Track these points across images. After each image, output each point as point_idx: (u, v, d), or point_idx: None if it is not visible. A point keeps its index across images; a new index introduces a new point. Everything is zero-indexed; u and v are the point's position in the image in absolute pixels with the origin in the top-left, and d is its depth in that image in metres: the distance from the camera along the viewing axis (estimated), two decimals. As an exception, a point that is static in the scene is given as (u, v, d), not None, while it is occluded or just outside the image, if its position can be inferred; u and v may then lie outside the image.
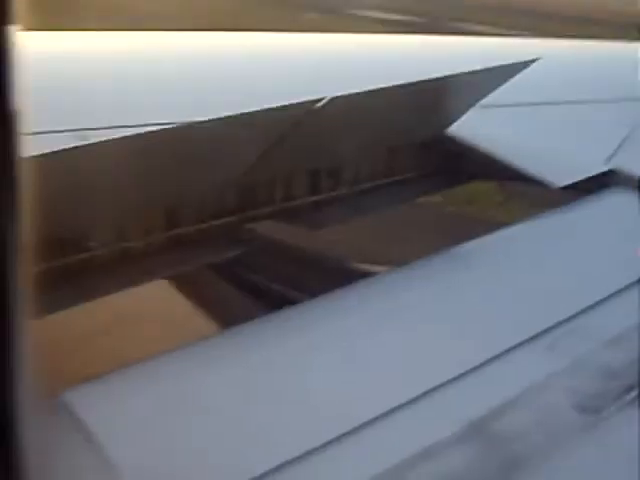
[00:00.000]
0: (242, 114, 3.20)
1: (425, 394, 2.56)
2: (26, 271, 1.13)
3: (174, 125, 3.48)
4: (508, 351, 2.83)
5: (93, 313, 3.68)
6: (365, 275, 3.52)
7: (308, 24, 27.32)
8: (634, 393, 2.71)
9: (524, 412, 2.56)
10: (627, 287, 3.42)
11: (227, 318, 3.63)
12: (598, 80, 6.94)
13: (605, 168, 4.88)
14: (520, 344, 2.89)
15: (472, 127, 4.79)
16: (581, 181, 4.64)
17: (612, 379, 2.78)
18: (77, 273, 3.35)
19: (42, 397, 2.26)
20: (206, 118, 3.13)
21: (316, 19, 30.41)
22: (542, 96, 5.87)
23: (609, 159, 5.03)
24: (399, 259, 3.59)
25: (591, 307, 3.21)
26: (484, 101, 4.82)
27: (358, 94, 3.63)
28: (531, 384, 2.69)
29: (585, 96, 6.16)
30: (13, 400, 1.16)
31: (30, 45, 1.15)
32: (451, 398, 2.57)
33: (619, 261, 3.79)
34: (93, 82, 4.44)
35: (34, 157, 1.29)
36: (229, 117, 3.16)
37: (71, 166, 2.82)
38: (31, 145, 1.18)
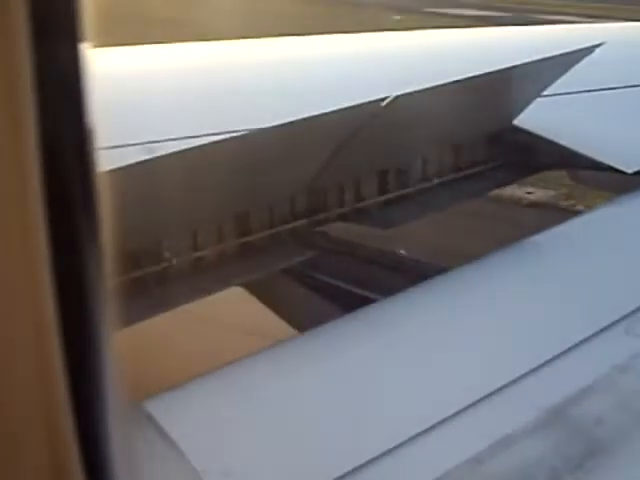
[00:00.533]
0: (309, 117, 3.21)
1: (505, 384, 2.55)
2: (109, 283, 1.15)
3: (244, 132, 3.50)
4: (586, 338, 2.82)
5: (173, 322, 3.72)
6: (441, 271, 3.51)
7: (391, 24, 27.76)
8: None
9: (605, 396, 2.55)
10: None
11: (304, 321, 3.64)
12: None
13: None
14: (599, 330, 2.87)
15: (539, 117, 4.75)
16: None
17: None
18: (155, 283, 3.39)
19: (126, 407, 2.30)
20: (274, 124, 3.15)
21: (401, 19, 30.96)
22: (608, 81, 5.79)
23: None
24: (474, 253, 3.58)
25: None
26: (550, 89, 4.78)
27: (422, 91, 3.62)
28: (611, 368, 2.67)
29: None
30: (101, 410, 1.19)
31: (101, 61, 1.17)
32: (530, 386, 2.57)
33: None
34: (162, 94, 4.50)
35: (110, 171, 1.31)
36: (297, 121, 3.17)
37: (143, 179, 2.86)
38: (106, 160, 1.20)
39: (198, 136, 3.53)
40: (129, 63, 5.53)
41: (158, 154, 3.04)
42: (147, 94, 4.54)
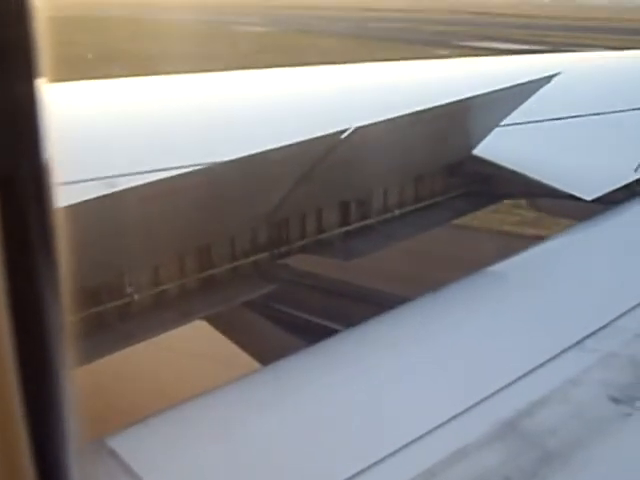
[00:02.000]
0: (269, 150, 3.21)
1: (461, 401, 2.63)
2: (67, 320, 1.15)
3: (202, 166, 3.50)
4: (542, 355, 2.90)
5: (136, 357, 3.69)
6: (403, 301, 3.52)
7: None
8: None
9: (558, 408, 2.62)
10: None
11: (267, 353, 3.63)
12: (622, 89, 6.93)
13: (635, 177, 4.86)
14: (555, 348, 2.95)
15: (498, 146, 4.79)
16: (613, 191, 4.63)
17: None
18: (118, 318, 3.37)
19: (88, 443, 2.28)
20: (236, 156, 3.15)
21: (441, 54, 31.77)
22: (566, 110, 5.86)
23: (639, 167, 5.02)
24: (434, 282, 3.59)
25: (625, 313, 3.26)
26: (509, 119, 4.82)
27: (381, 122, 3.64)
28: (564, 382, 2.76)
29: (610, 107, 6.14)
30: (60, 448, 1.17)
31: (58, 96, 1.17)
32: (485, 401, 2.63)
33: None
34: (119, 129, 4.49)
35: (70, 206, 1.30)
36: (257, 154, 3.17)
37: (102, 213, 2.85)
38: (64, 195, 1.19)
39: (158, 170, 3.52)
40: (88, 98, 5.53)
41: (119, 188, 3.03)
42: (107, 129, 4.53)
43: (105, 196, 2.85)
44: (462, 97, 4.09)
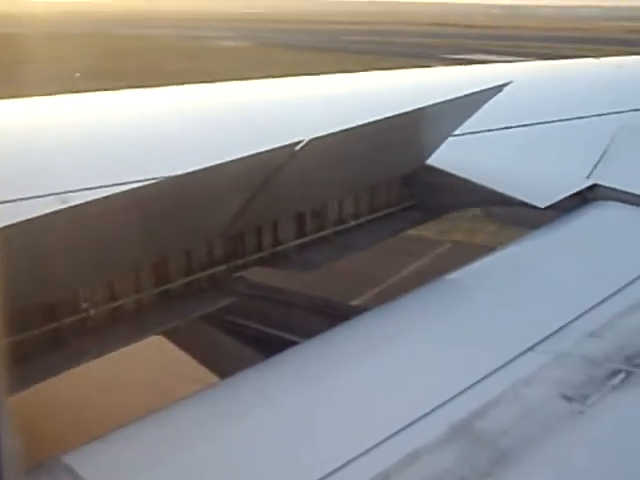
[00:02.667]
0: (224, 163, 3.20)
1: (412, 400, 2.72)
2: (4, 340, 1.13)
3: (156, 180, 3.49)
4: (494, 357, 2.98)
5: (92, 374, 3.66)
6: (361, 311, 3.53)
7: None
8: (619, 378, 2.89)
9: (510, 408, 2.68)
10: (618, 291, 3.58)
11: (225, 366, 3.62)
12: (573, 97, 7.01)
13: (587, 183, 4.91)
14: (508, 351, 3.02)
15: (451, 156, 4.82)
16: (566, 198, 4.68)
17: (596, 367, 2.96)
18: (73, 334, 3.34)
19: (43, 460, 2.27)
20: (189, 170, 3.14)
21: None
22: (518, 119, 5.90)
23: (590, 174, 5.07)
24: (390, 292, 3.60)
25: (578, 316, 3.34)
26: (461, 129, 4.86)
27: (334, 134, 3.65)
28: (516, 382, 2.82)
29: (560, 115, 6.20)
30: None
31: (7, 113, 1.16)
32: (438, 404, 2.68)
33: (604, 271, 3.90)
34: (72, 145, 4.46)
35: (18, 224, 1.29)
36: (212, 167, 3.16)
37: (55, 229, 2.83)
38: (14, 212, 1.18)
39: (112, 185, 3.51)
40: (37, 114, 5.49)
41: (72, 204, 3.01)
42: (58, 145, 4.50)
43: (58, 211, 2.82)
44: (415, 108, 4.11)
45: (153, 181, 3.47)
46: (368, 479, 2.30)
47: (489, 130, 5.53)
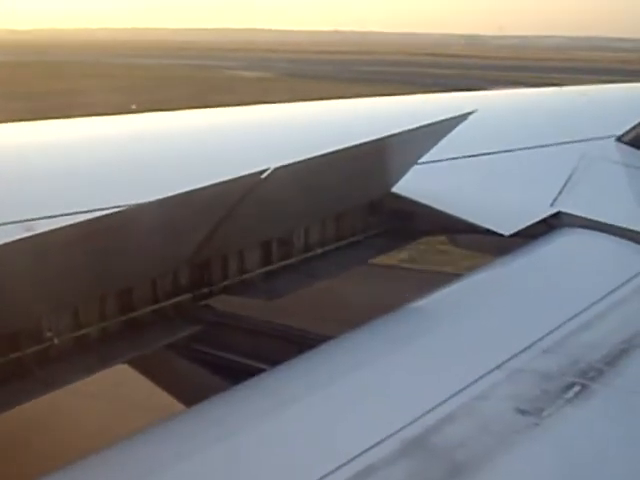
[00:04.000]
0: (190, 191, 3.20)
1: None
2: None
3: (122, 207, 3.47)
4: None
5: (56, 403, 3.63)
6: (326, 338, 3.53)
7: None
8: (574, 391, 2.95)
9: (466, 422, 2.73)
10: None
11: (191, 395, 3.60)
12: (536, 126, 7.07)
13: (551, 211, 4.96)
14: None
15: (417, 184, 4.85)
16: (530, 225, 4.71)
17: (550, 381, 3.03)
18: (37, 363, 3.31)
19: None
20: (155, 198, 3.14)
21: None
22: (482, 147, 5.94)
23: (554, 202, 5.11)
24: (355, 320, 3.61)
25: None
26: (426, 157, 4.88)
27: (299, 162, 3.66)
28: (471, 398, 2.88)
29: (524, 143, 6.25)
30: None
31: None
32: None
33: (565, 294, 3.97)
34: (36, 172, 4.44)
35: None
36: (177, 195, 3.16)
37: (19, 257, 2.81)
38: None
39: (77, 213, 3.50)
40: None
41: (36, 231, 2.99)
42: (22, 171, 4.48)
43: (23, 239, 2.81)
44: (380, 136, 4.13)
45: (119, 209, 3.46)
46: None
47: (454, 158, 5.56)
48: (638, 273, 4.24)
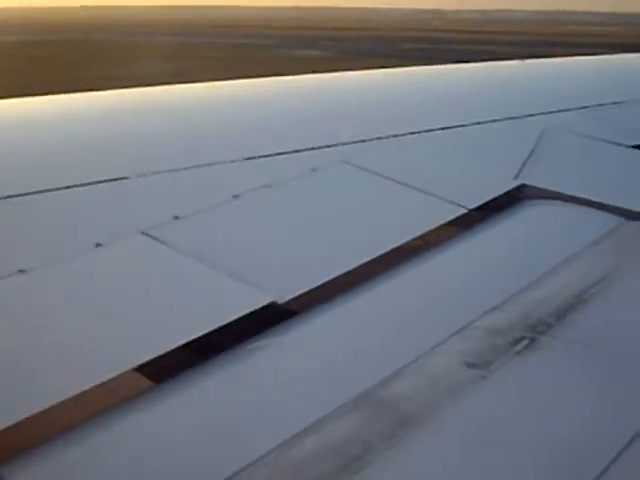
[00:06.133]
0: None
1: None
2: None
3: None
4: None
5: None
6: None
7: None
8: (522, 345, 3.06)
9: (414, 378, 2.81)
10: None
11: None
12: (498, 99, 7.09)
13: (514, 184, 4.97)
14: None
15: (379, 158, 4.86)
16: (494, 199, 4.73)
17: (498, 337, 3.13)
18: None
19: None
20: None
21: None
22: (444, 121, 5.94)
23: (518, 174, 5.13)
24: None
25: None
26: (386, 131, 4.86)
27: None
28: (421, 354, 2.97)
29: (487, 117, 6.26)
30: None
31: None
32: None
33: (525, 262, 4.04)
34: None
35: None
36: None
37: None
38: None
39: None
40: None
41: None
42: None
43: None
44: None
45: None
46: (273, 447, 2.40)
47: (415, 132, 5.56)
48: (595, 238, 4.34)
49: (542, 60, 10.31)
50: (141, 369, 2.83)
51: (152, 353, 2.84)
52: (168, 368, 2.94)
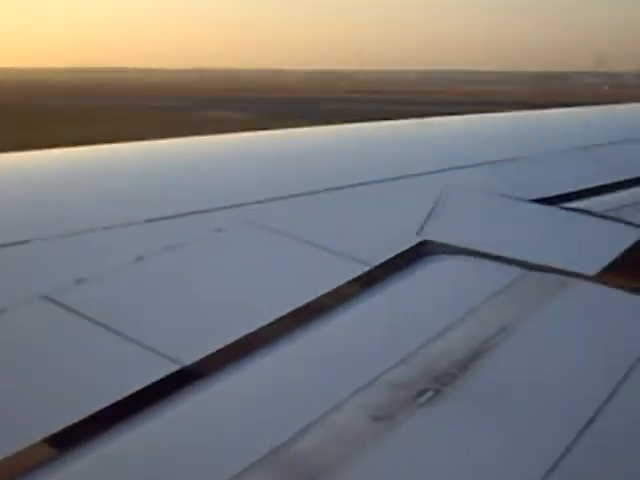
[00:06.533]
0: None
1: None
2: None
3: None
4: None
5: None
6: None
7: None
8: (425, 397, 3.12)
9: (320, 432, 2.83)
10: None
11: None
12: (397, 158, 7.18)
13: (416, 240, 5.03)
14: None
15: (278, 219, 4.89)
16: (397, 255, 4.77)
17: (402, 390, 3.17)
18: None
19: None
20: None
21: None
22: (343, 180, 5.98)
23: (420, 231, 5.19)
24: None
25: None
26: (286, 190, 4.88)
27: None
28: (326, 409, 2.99)
29: (386, 175, 6.33)
30: None
31: None
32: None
33: (428, 317, 4.08)
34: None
35: None
36: None
37: None
38: None
39: None
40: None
41: None
42: None
43: None
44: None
45: None
46: None
47: (318, 191, 5.59)
48: (496, 290, 4.43)
49: (439, 119, 10.54)
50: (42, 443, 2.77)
51: (59, 425, 2.78)
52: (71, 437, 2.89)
